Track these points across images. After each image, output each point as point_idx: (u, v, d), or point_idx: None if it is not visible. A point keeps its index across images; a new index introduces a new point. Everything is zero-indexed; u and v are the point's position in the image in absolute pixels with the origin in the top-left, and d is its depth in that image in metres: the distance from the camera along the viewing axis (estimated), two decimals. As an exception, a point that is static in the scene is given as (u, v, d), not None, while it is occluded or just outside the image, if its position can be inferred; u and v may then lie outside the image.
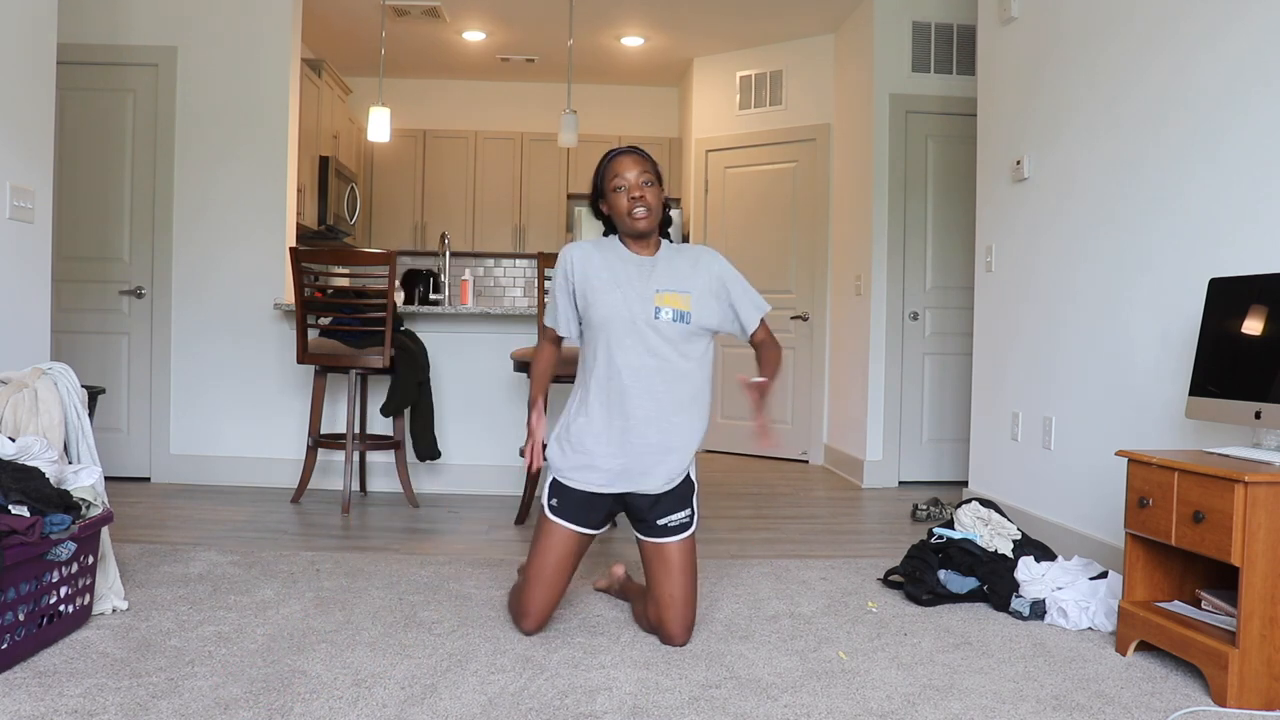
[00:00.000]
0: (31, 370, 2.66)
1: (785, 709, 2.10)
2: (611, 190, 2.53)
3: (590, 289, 2.53)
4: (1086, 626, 2.74)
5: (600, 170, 2.58)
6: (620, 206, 2.52)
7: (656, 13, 6.10)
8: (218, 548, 3.47)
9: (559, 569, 2.53)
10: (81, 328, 4.89)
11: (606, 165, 2.56)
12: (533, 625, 2.54)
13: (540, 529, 2.56)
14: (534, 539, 2.58)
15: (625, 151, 2.56)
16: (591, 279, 2.53)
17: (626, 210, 2.51)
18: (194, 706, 2.01)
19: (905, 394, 5.54)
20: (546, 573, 2.52)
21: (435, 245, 7.52)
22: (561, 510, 2.54)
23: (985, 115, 4.45)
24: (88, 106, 4.88)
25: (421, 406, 4.49)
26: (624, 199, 2.51)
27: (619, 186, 2.52)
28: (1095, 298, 3.54)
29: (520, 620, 2.56)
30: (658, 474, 2.51)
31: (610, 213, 2.58)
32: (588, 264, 2.55)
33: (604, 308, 2.50)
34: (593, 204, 2.65)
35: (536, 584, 2.53)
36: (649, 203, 2.51)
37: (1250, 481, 2.14)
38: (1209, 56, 2.98)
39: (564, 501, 2.54)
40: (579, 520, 2.54)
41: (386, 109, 5.55)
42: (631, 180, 2.51)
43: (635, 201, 2.50)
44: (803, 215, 6.46)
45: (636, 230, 2.52)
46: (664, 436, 2.49)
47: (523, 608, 2.55)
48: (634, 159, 2.54)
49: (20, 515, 2.19)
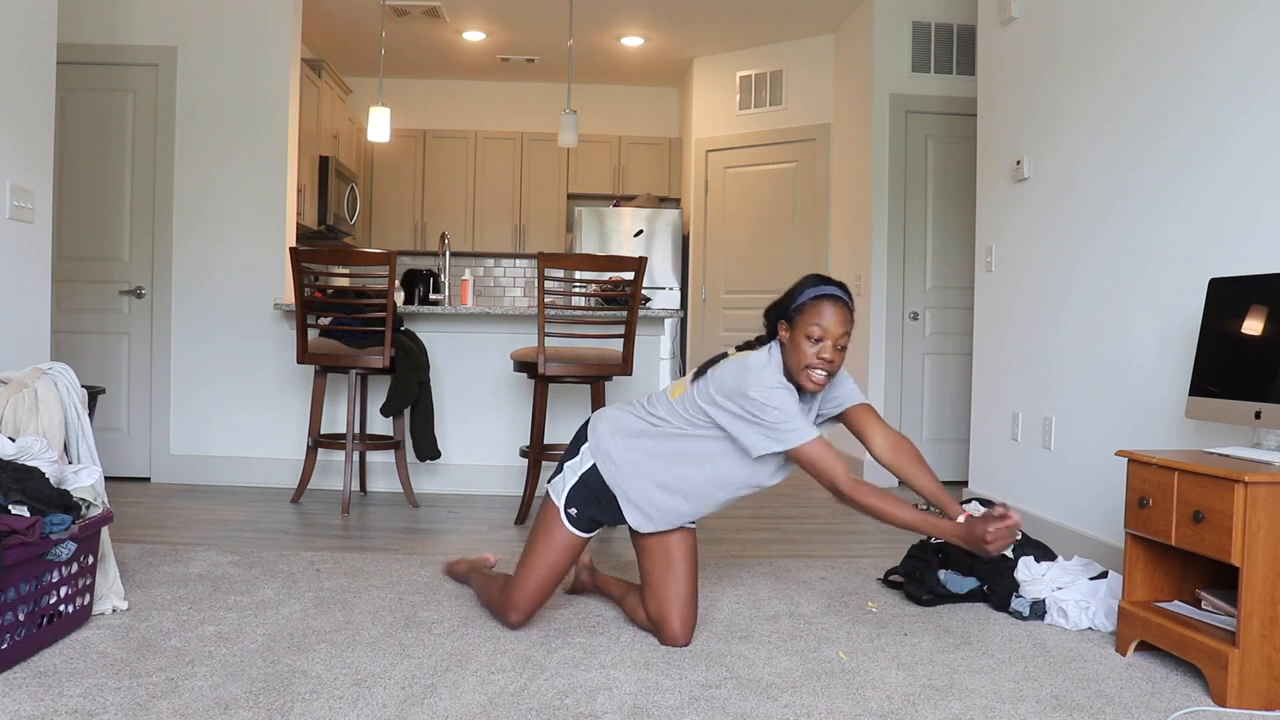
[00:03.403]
0: (31, 370, 2.66)
1: (785, 709, 2.10)
2: (804, 331, 2.31)
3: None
4: (1086, 626, 2.74)
5: (800, 294, 2.36)
6: (804, 357, 2.32)
7: (656, 13, 6.10)
8: (218, 548, 3.47)
9: (557, 570, 2.53)
10: (81, 328, 4.89)
11: (812, 299, 2.33)
12: (521, 619, 2.54)
13: (547, 530, 2.53)
14: (536, 536, 2.56)
15: (838, 298, 2.33)
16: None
17: (808, 365, 2.32)
18: (194, 706, 2.01)
19: (905, 394, 5.54)
20: (545, 573, 2.52)
21: (435, 245, 7.52)
22: (578, 521, 2.52)
23: (985, 115, 4.45)
24: (88, 106, 4.88)
25: (421, 406, 4.49)
26: (811, 352, 2.31)
27: (815, 336, 2.30)
28: (1095, 298, 3.54)
29: (508, 612, 2.55)
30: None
31: (787, 347, 2.36)
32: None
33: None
34: (771, 314, 2.44)
35: (532, 580, 2.52)
36: (835, 368, 2.33)
37: (1250, 481, 2.14)
38: (1210, 57, 2.98)
39: (583, 512, 2.52)
40: (590, 529, 2.55)
41: (386, 109, 5.55)
42: (833, 337, 2.31)
43: (823, 363, 2.31)
44: (803, 215, 6.46)
45: (801, 387, 2.35)
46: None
47: (513, 601, 2.54)
48: (844, 314, 2.32)
49: (20, 515, 2.19)
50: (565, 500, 2.52)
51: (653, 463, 2.45)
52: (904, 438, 2.51)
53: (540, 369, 4.01)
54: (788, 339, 2.36)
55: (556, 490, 2.55)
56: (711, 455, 2.42)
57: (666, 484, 2.45)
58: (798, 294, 2.37)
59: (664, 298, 7.06)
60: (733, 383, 2.32)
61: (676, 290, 7.10)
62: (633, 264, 4.06)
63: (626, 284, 4.33)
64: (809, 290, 2.35)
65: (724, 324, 6.88)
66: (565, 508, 2.52)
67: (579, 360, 4.06)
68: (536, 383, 4.17)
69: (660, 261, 7.08)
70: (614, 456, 2.48)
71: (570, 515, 2.52)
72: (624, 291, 4.37)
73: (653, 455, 2.45)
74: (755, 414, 2.29)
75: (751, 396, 2.28)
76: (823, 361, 2.31)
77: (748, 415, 2.30)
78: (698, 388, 2.41)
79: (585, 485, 2.51)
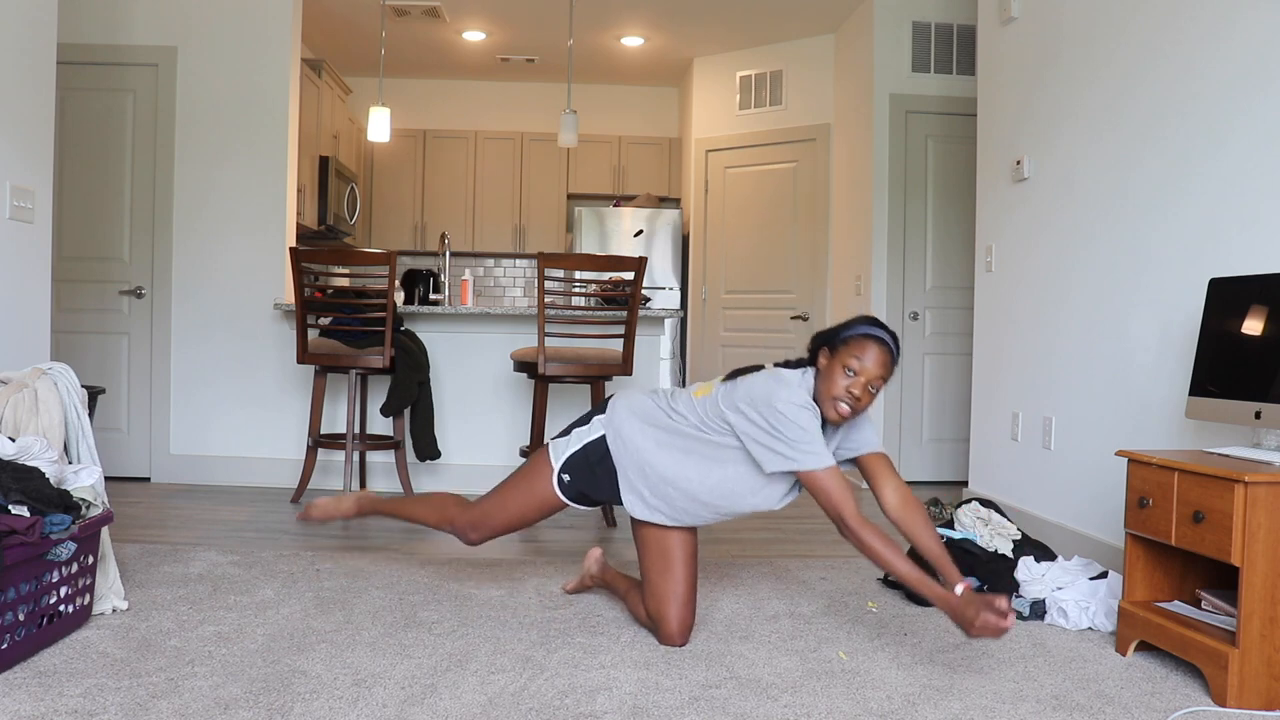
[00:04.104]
0: (31, 370, 2.66)
1: (785, 709, 2.10)
2: (843, 361, 2.30)
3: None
4: (1086, 626, 2.74)
5: (851, 329, 2.35)
6: (835, 387, 2.30)
7: (656, 13, 6.10)
8: (218, 548, 3.47)
9: (525, 519, 2.62)
10: (81, 328, 4.89)
11: (860, 335, 2.32)
12: (480, 539, 2.65)
13: (531, 481, 2.57)
14: (519, 481, 2.60)
15: (885, 343, 2.32)
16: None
17: (836, 396, 2.30)
18: (194, 706, 2.01)
19: (905, 394, 5.54)
20: (514, 515, 2.60)
21: (435, 245, 7.52)
22: (567, 489, 2.55)
23: (985, 115, 4.45)
24: (88, 106, 4.88)
25: (421, 406, 4.49)
26: (843, 384, 2.29)
27: (853, 370, 2.29)
28: (1095, 297, 3.54)
29: (467, 531, 2.64)
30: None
31: (822, 374, 2.34)
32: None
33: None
34: (817, 339, 2.41)
35: (501, 515, 2.61)
36: (861, 407, 2.32)
37: (1250, 481, 2.14)
38: (1210, 57, 2.98)
39: (574, 482, 2.54)
40: (577, 501, 2.58)
41: (386, 109, 5.55)
42: (868, 376, 2.29)
43: (851, 398, 2.30)
44: (803, 215, 6.46)
45: (827, 417, 2.33)
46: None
47: (478, 522, 2.62)
48: (886, 359, 2.31)
49: (20, 515, 2.19)
50: (562, 465, 2.53)
51: (660, 453, 2.44)
52: (914, 496, 2.46)
53: (540, 369, 4.01)
54: (825, 366, 2.34)
55: (557, 451, 2.56)
56: (721, 462, 2.40)
57: (668, 478, 2.44)
58: (849, 327, 2.36)
59: (664, 298, 7.06)
60: (761, 391, 2.31)
61: (676, 290, 7.10)
62: (633, 264, 4.06)
63: (626, 284, 4.33)
64: (860, 327, 2.35)
65: (724, 324, 6.88)
66: (559, 471, 2.54)
67: (579, 360, 4.06)
68: (536, 383, 4.17)
69: (660, 261, 7.08)
70: (624, 434, 2.48)
71: (562, 481, 2.54)
72: (624, 291, 4.37)
73: (662, 445, 2.45)
74: (776, 428, 2.27)
75: (778, 409, 2.26)
76: (851, 396, 2.29)
77: (768, 428, 2.29)
78: (723, 391, 2.39)
79: (585, 456, 2.52)
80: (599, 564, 2.91)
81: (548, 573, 3.23)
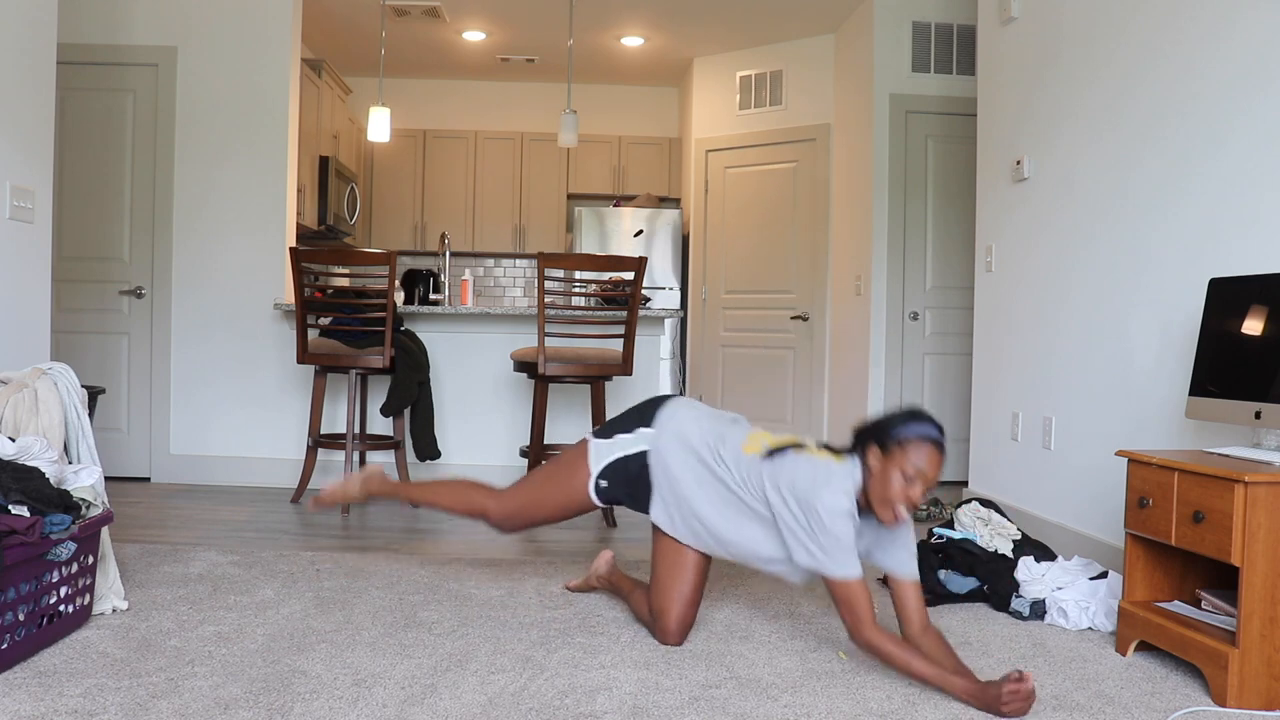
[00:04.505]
0: (31, 370, 2.66)
1: (785, 709, 2.10)
2: (900, 466, 2.21)
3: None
4: (1086, 626, 2.74)
5: (903, 428, 2.24)
6: (892, 491, 2.21)
7: (656, 13, 6.10)
8: (218, 548, 3.47)
9: (555, 514, 2.64)
10: (81, 328, 4.89)
11: (917, 439, 2.22)
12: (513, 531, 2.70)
13: (571, 478, 2.58)
14: (559, 475, 2.61)
15: (939, 442, 2.25)
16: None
17: (893, 500, 2.22)
18: (194, 706, 2.01)
19: (905, 394, 5.54)
20: (548, 510, 2.63)
21: (435, 245, 7.52)
22: (603, 493, 2.57)
23: (985, 115, 4.45)
24: (88, 106, 4.88)
25: (421, 406, 4.49)
26: (900, 489, 2.21)
27: (911, 476, 2.20)
28: (1095, 297, 3.54)
29: (503, 525, 2.67)
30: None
31: (874, 475, 2.25)
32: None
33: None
34: (863, 435, 2.30)
35: (536, 509, 2.64)
36: (913, 509, 2.26)
37: (1250, 481, 2.14)
38: (1210, 57, 2.98)
39: (611, 488, 2.55)
40: (607, 503, 2.60)
41: (386, 109, 5.55)
42: (927, 482, 2.22)
43: (911, 504, 2.23)
44: (803, 215, 6.46)
45: (881, 518, 2.27)
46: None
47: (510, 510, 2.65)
48: (941, 458, 2.24)
49: (20, 515, 2.19)
50: (600, 470, 2.55)
51: (699, 490, 2.45)
52: (934, 628, 2.37)
53: (540, 369, 4.01)
54: (877, 467, 2.25)
55: (598, 454, 2.57)
56: (755, 521, 2.39)
57: (700, 515, 2.45)
58: (899, 426, 2.25)
59: (664, 298, 7.06)
60: (805, 486, 2.26)
61: (676, 290, 7.10)
62: (633, 264, 4.06)
63: (626, 284, 4.33)
64: (914, 427, 2.24)
65: (724, 324, 6.88)
66: (598, 477, 2.55)
67: (579, 360, 4.06)
68: (536, 383, 4.17)
69: (660, 261, 7.08)
70: (667, 463, 2.49)
71: (599, 486, 2.56)
72: (624, 291, 4.37)
73: (702, 484, 2.45)
74: (813, 528, 2.24)
75: (818, 512, 2.22)
76: (911, 504, 2.23)
77: (804, 525, 2.25)
78: (767, 467, 2.34)
79: (625, 466, 2.54)
80: (609, 566, 2.92)
81: (548, 573, 3.23)
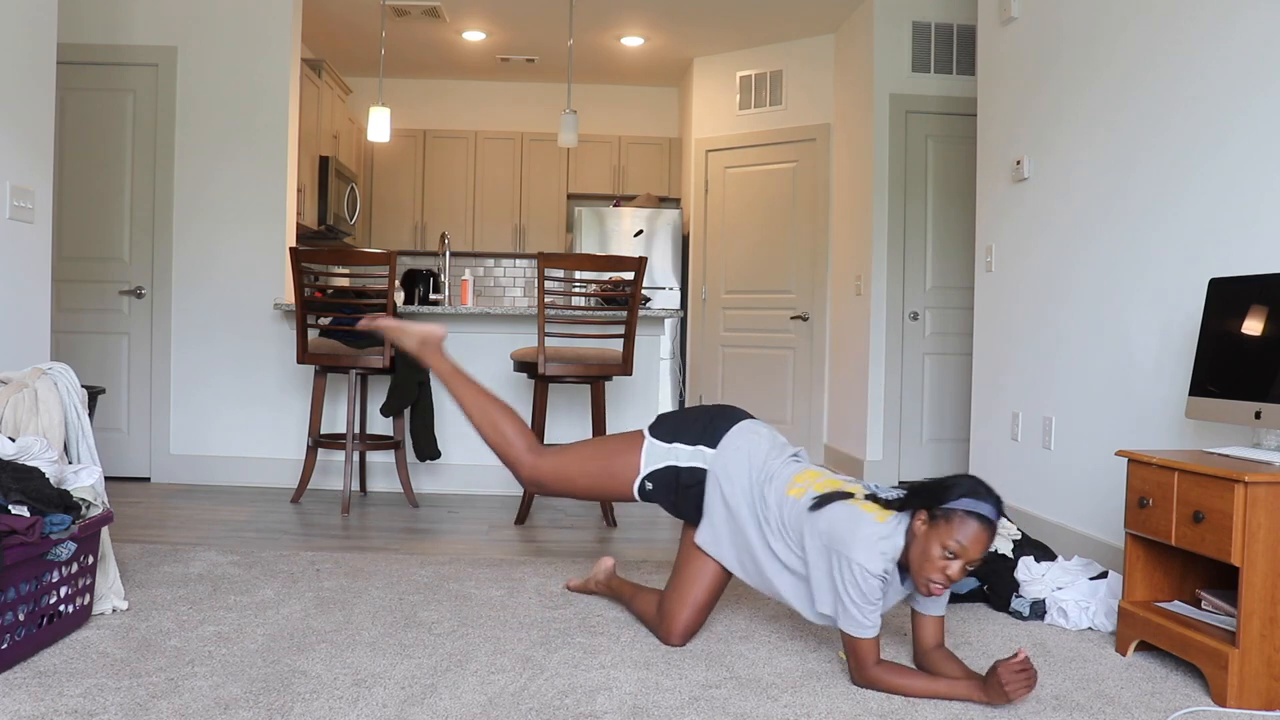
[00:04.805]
0: (31, 370, 2.66)
1: (785, 709, 2.10)
2: (943, 540, 2.13)
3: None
4: (1086, 626, 2.74)
5: (957, 498, 2.15)
6: (931, 566, 2.15)
7: (656, 13, 6.10)
8: (218, 548, 3.47)
9: (596, 491, 2.58)
10: (81, 328, 4.89)
11: (965, 513, 2.12)
12: (535, 488, 2.60)
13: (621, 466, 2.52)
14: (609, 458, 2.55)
15: (992, 523, 2.15)
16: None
17: (930, 576, 2.15)
18: (194, 706, 2.01)
19: (905, 394, 5.54)
20: (590, 483, 2.56)
21: (435, 245, 7.53)
22: (646, 494, 2.52)
23: (985, 115, 4.45)
24: (88, 106, 4.88)
25: (421, 406, 4.49)
26: (940, 563, 2.14)
27: (953, 552, 2.12)
28: (1095, 297, 3.54)
29: (527, 478, 2.59)
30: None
31: (917, 540, 2.18)
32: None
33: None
34: (916, 498, 2.22)
35: (579, 479, 2.56)
36: (952, 583, 2.18)
37: (1250, 481, 2.14)
38: (1210, 57, 2.98)
39: (655, 491, 2.51)
40: (645, 500, 2.56)
41: (386, 109, 5.55)
42: (968, 560, 2.14)
43: (947, 580, 2.15)
44: (803, 215, 6.46)
45: (917, 587, 2.23)
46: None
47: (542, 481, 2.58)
48: (988, 538, 2.15)
49: (20, 515, 2.19)
50: (650, 473, 2.50)
51: (748, 528, 2.41)
52: (947, 650, 2.36)
53: (540, 369, 4.01)
54: (922, 534, 2.17)
55: (651, 456, 2.50)
56: (780, 567, 2.37)
57: (751, 546, 2.42)
58: (954, 494, 2.16)
59: (664, 298, 7.06)
60: (845, 536, 2.20)
61: (676, 290, 7.10)
62: (633, 264, 4.06)
63: (626, 284, 4.33)
64: (968, 501, 2.14)
65: (724, 324, 6.88)
66: (645, 477, 2.50)
67: (579, 360, 4.06)
68: (536, 383, 4.17)
69: (660, 261, 7.08)
70: (726, 491, 2.43)
71: (644, 487, 2.51)
72: (624, 291, 4.37)
73: (756, 515, 2.41)
74: (843, 580, 2.19)
75: (852, 566, 2.17)
76: (947, 580, 2.15)
77: (835, 574, 2.21)
78: (808, 516, 2.30)
79: (677, 477, 2.48)
80: (608, 574, 2.92)
81: (548, 573, 3.23)
